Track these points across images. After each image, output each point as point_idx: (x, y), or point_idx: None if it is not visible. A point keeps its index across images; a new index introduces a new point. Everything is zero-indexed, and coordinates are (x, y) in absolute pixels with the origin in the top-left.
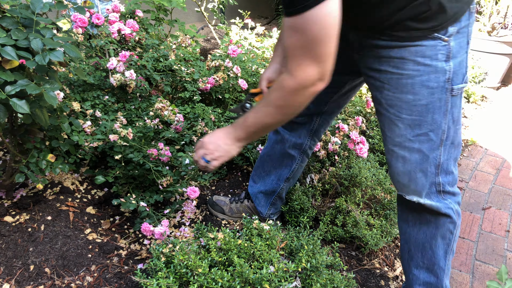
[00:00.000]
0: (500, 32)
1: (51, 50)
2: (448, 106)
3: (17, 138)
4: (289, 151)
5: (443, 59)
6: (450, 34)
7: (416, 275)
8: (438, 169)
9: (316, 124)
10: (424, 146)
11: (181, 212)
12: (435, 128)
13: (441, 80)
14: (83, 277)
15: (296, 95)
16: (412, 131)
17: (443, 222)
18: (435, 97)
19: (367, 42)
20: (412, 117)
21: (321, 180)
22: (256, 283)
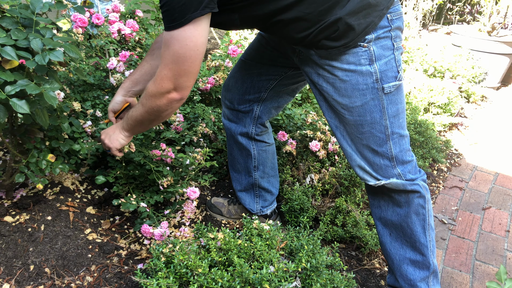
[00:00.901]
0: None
1: (51, 50)
2: (384, 103)
3: (17, 138)
4: (240, 140)
5: (367, 63)
6: (369, 41)
7: (402, 254)
8: (393, 162)
9: (257, 112)
10: (370, 142)
11: (181, 212)
12: (376, 126)
13: (369, 81)
14: (83, 277)
15: (155, 98)
16: (357, 130)
17: (411, 198)
18: (367, 97)
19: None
20: (354, 117)
21: (321, 180)
22: (256, 283)
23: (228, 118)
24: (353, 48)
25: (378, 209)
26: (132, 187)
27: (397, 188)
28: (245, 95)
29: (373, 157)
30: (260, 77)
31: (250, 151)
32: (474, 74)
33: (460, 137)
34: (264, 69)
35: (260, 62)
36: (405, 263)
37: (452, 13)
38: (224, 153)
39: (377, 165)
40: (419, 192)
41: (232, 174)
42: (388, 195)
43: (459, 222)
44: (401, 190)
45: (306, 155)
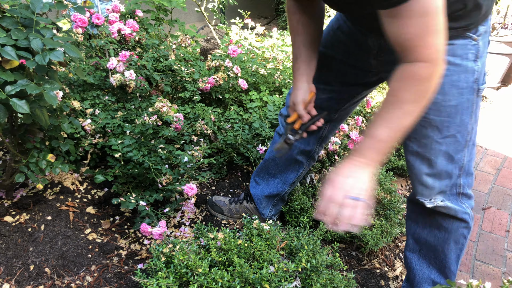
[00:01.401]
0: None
1: (51, 50)
2: (474, 107)
3: (17, 138)
4: (297, 157)
5: (473, 58)
6: (480, 33)
7: (427, 274)
8: (461, 171)
9: (325, 132)
10: (450, 148)
11: (181, 212)
12: (462, 130)
13: (470, 80)
14: (83, 277)
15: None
16: (439, 133)
17: (457, 227)
18: (464, 97)
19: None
20: (440, 118)
21: (321, 180)
22: (256, 283)
23: None
24: (463, 39)
25: (414, 224)
26: (132, 186)
27: (447, 211)
28: None
29: (447, 165)
30: (330, 101)
31: (300, 169)
32: None
33: None
34: (334, 93)
35: (329, 84)
36: (427, 283)
37: None
38: (224, 153)
39: (447, 173)
40: (467, 223)
41: (263, 175)
42: (430, 215)
43: None
44: (448, 215)
45: None
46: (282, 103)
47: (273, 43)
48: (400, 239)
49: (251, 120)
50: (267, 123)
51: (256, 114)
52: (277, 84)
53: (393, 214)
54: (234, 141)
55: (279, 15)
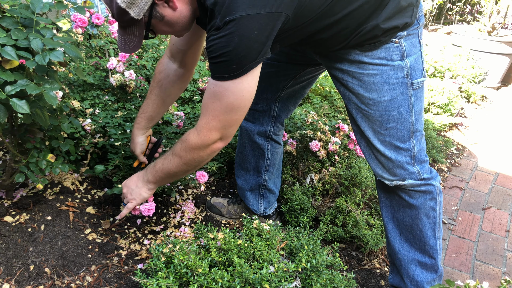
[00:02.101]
0: (500, 32)
1: (51, 50)
2: (412, 99)
3: (17, 138)
4: (256, 140)
5: (398, 58)
6: (401, 37)
7: (411, 255)
8: (413, 159)
9: (276, 110)
10: (394, 138)
11: (181, 212)
12: (402, 121)
13: (400, 76)
14: (83, 277)
15: (199, 150)
16: (381, 125)
17: (423, 200)
18: (397, 92)
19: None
20: (379, 112)
21: (321, 180)
22: (256, 283)
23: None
24: (385, 44)
25: (390, 209)
26: None
27: (412, 188)
28: (262, 94)
29: (395, 154)
30: (277, 76)
31: (264, 152)
32: (474, 74)
33: (460, 137)
34: (282, 68)
35: (277, 61)
36: (413, 264)
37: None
38: (224, 153)
39: (398, 161)
40: (432, 193)
41: (239, 173)
42: (400, 195)
43: (459, 222)
44: (414, 190)
45: (306, 155)
46: None
47: None
48: None
49: None
50: None
51: None
52: None
53: None
54: (234, 141)
55: None
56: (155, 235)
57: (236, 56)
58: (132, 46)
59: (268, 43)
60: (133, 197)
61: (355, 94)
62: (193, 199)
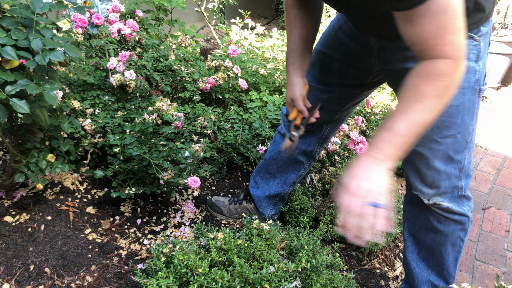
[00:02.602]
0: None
1: (51, 50)
2: (476, 107)
3: (17, 138)
4: (298, 157)
5: (474, 59)
6: (482, 34)
7: (426, 276)
8: (461, 173)
9: (326, 132)
10: (450, 148)
11: (181, 212)
12: (463, 130)
13: (472, 80)
14: (83, 277)
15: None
16: (439, 132)
17: (453, 229)
18: (465, 97)
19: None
20: (441, 117)
21: (321, 180)
22: (256, 283)
23: None
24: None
25: (412, 225)
26: (132, 182)
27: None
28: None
29: (445, 165)
30: (330, 101)
31: (300, 169)
32: None
33: None
34: (334, 93)
35: (329, 85)
36: (426, 285)
37: None
38: (224, 153)
39: (447, 174)
40: (463, 225)
41: (263, 175)
42: (427, 217)
43: None
44: (446, 217)
45: None
46: (282, 103)
47: (273, 43)
48: (400, 239)
49: (251, 120)
50: (267, 123)
51: (256, 114)
52: (277, 84)
53: (393, 214)
54: (234, 141)
55: (279, 15)
56: (155, 235)
57: None
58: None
59: None
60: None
61: None
62: (193, 199)
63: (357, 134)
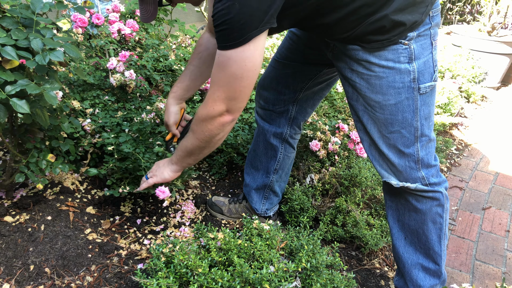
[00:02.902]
0: (500, 32)
1: (51, 50)
2: (418, 104)
3: (17, 138)
4: (271, 141)
5: (406, 61)
6: (410, 38)
7: (415, 259)
8: (418, 164)
9: (293, 112)
10: (398, 143)
11: (181, 212)
12: (406, 126)
13: (406, 80)
14: (83, 277)
15: (206, 123)
16: (386, 128)
17: (430, 206)
18: (402, 96)
19: (339, 45)
20: (384, 115)
21: (321, 180)
22: (256, 283)
23: (261, 117)
24: (393, 45)
25: (395, 212)
26: (128, 181)
27: (418, 193)
28: (280, 95)
29: (399, 158)
30: (294, 76)
31: (276, 153)
32: (474, 74)
33: (460, 137)
34: (298, 69)
35: (293, 61)
36: (417, 268)
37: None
38: (224, 153)
39: (402, 166)
40: (439, 200)
41: (249, 170)
42: (407, 198)
43: (459, 222)
44: (421, 195)
45: (306, 155)
46: None
47: (273, 43)
48: None
49: (251, 120)
50: None
51: None
52: None
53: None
54: (234, 141)
55: None
56: (155, 235)
57: (237, 24)
58: (149, 15)
59: (271, 12)
60: (155, 174)
61: (362, 95)
62: (193, 199)
63: (357, 134)
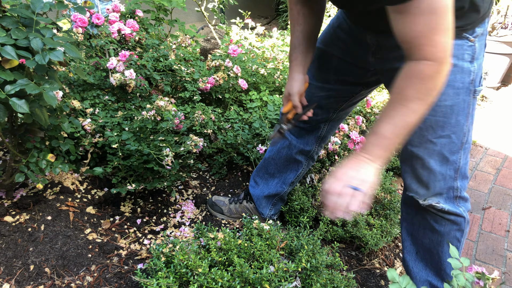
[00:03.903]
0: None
1: (51, 49)
2: (471, 108)
3: (17, 138)
4: (296, 156)
5: (469, 59)
6: (477, 35)
7: (424, 276)
8: (457, 173)
9: (324, 131)
10: (445, 149)
11: (181, 212)
12: (457, 130)
13: (466, 81)
14: (83, 277)
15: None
16: (434, 133)
17: (449, 229)
18: (460, 98)
19: (386, 42)
20: (435, 118)
21: (321, 180)
22: (256, 283)
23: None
24: (460, 40)
25: (410, 225)
26: (132, 179)
27: (440, 214)
28: (314, 117)
29: (440, 166)
30: (328, 99)
31: (299, 169)
32: None
33: None
34: (333, 91)
35: (327, 83)
36: (425, 285)
37: None
38: (224, 153)
39: (442, 174)
40: (459, 225)
41: (262, 175)
42: (425, 217)
43: None
44: (442, 217)
45: None
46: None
47: (273, 43)
48: (400, 239)
49: (251, 120)
50: (267, 123)
51: (256, 114)
52: (277, 84)
53: (393, 214)
54: (234, 141)
55: (279, 15)
56: (155, 235)
57: None
58: None
59: None
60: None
61: None
62: (193, 199)
63: (357, 134)
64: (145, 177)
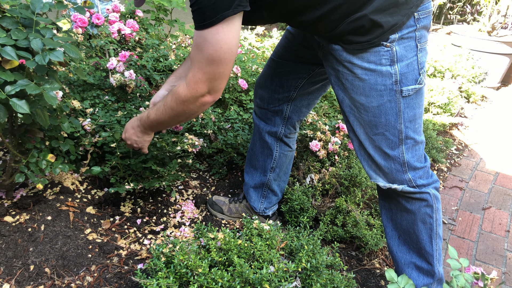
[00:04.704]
0: (500, 32)
1: (51, 50)
2: (401, 106)
3: (17, 138)
4: (266, 139)
5: (387, 63)
6: (392, 40)
7: (408, 258)
8: (405, 167)
9: (287, 111)
10: (382, 145)
11: (181, 212)
12: (389, 128)
13: (388, 83)
14: (83, 277)
15: (188, 103)
16: (371, 130)
17: (419, 206)
18: (384, 99)
19: (325, 44)
20: (368, 117)
21: (321, 180)
22: (256, 283)
23: (258, 115)
24: (375, 47)
25: (389, 211)
26: (131, 179)
27: (406, 194)
28: (275, 94)
29: (384, 160)
30: (288, 75)
31: (272, 152)
32: (474, 74)
33: (460, 137)
34: (292, 67)
35: (287, 59)
36: (410, 267)
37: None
38: (225, 153)
39: (388, 168)
40: (427, 201)
41: (248, 169)
42: (397, 199)
43: (459, 222)
44: (408, 197)
45: (306, 155)
46: None
47: (273, 43)
48: None
49: (251, 120)
50: None
51: None
52: None
53: None
54: (234, 141)
55: None
56: (155, 235)
57: (208, 3)
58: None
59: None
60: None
61: (348, 96)
62: (193, 199)
63: None
64: (144, 177)
